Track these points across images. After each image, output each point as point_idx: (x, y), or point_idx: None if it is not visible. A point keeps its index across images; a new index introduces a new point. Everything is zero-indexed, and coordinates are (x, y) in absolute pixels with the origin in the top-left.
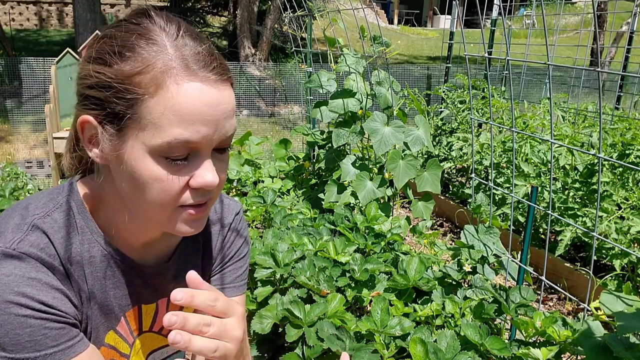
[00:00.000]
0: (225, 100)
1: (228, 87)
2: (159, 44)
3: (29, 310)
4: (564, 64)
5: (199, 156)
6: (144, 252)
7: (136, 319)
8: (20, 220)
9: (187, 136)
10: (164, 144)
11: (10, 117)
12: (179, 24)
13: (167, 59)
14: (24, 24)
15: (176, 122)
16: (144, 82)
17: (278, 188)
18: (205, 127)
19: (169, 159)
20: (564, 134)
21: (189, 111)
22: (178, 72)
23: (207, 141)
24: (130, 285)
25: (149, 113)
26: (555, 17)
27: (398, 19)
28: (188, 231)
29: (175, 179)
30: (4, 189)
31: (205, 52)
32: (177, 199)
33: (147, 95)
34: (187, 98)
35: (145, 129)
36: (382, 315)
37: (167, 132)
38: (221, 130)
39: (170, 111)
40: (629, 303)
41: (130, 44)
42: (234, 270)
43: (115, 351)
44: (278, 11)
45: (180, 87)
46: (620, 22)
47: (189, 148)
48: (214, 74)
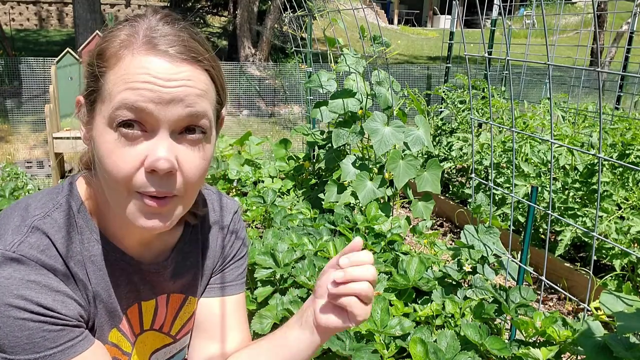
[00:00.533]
0: (184, 77)
1: (194, 68)
2: (135, 27)
3: (28, 313)
4: (564, 64)
5: (155, 134)
6: (142, 249)
7: (137, 317)
8: (20, 221)
9: (132, 100)
10: (112, 110)
11: (10, 117)
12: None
13: (132, 35)
14: (24, 24)
15: (124, 89)
16: (106, 55)
17: (278, 188)
18: (152, 94)
19: (120, 127)
20: (564, 134)
21: (136, 78)
22: (137, 46)
23: (158, 114)
24: (130, 283)
25: (108, 86)
26: (555, 17)
27: (398, 19)
28: (145, 224)
29: (124, 151)
30: (4, 189)
31: (174, 34)
32: (130, 180)
33: (107, 68)
34: (137, 67)
35: (104, 101)
36: (382, 315)
37: (116, 98)
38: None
39: (121, 80)
40: (629, 303)
41: (116, 29)
42: (235, 269)
43: (118, 349)
44: (278, 11)
45: (134, 58)
46: (620, 22)
47: (137, 115)
48: (175, 50)
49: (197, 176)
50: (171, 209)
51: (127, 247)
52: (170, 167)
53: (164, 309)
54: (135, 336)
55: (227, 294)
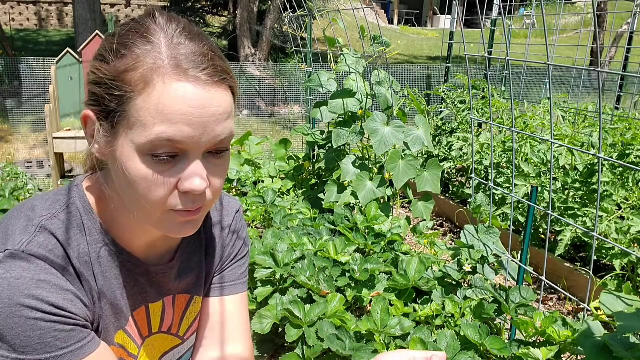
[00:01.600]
0: (216, 103)
1: (222, 90)
2: (153, 43)
3: (40, 313)
4: (564, 64)
5: (187, 159)
6: (148, 251)
7: (145, 319)
8: (27, 222)
9: (170, 135)
10: (148, 142)
11: (10, 117)
12: (179, 24)
13: (158, 57)
14: (24, 24)
15: (160, 121)
16: (133, 79)
17: (278, 188)
18: (189, 127)
19: (155, 157)
20: (564, 134)
21: (173, 110)
22: (167, 71)
23: (193, 143)
24: (137, 285)
25: (136, 111)
26: (555, 17)
27: (398, 19)
28: (178, 235)
29: (161, 179)
30: (4, 189)
31: (199, 53)
32: (165, 201)
33: (135, 92)
34: (172, 98)
35: (133, 127)
36: (382, 315)
37: (151, 130)
38: (210, 134)
39: (155, 110)
40: (629, 303)
41: (128, 42)
42: (236, 269)
43: (124, 350)
44: (278, 11)
45: (166, 86)
46: (620, 22)
47: (174, 147)
48: (206, 74)
49: (221, 188)
50: (200, 216)
51: (133, 249)
52: (205, 188)
53: (171, 310)
54: (142, 338)
55: (229, 294)
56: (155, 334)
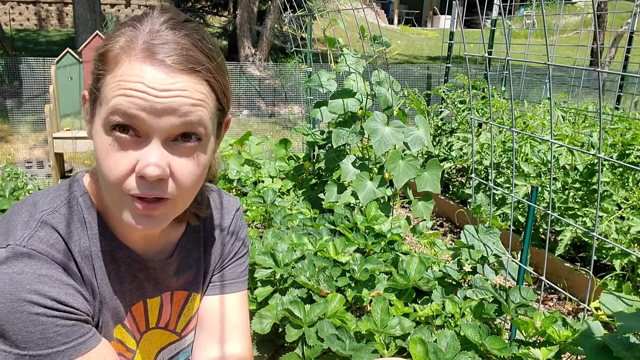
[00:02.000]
0: (179, 88)
1: (192, 79)
2: (138, 29)
3: (41, 308)
4: (564, 64)
5: (148, 141)
6: (146, 246)
7: (143, 314)
8: (29, 216)
9: (125, 107)
10: (107, 115)
11: (10, 117)
12: (170, 16)
13: (133, 40)
14: (24, 24)
15: (118, 94)
16: (107, 58)
17: (278, 188)
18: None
19: (113, 130)
20: (564, 134)
21: (130, 86)
22: (135, 53)
23: (151, 123)
24: (135, 279)
25: (104, 88)
26: (555, 17)
27: (398, 19)
28: (133, 224)
29: (119, 157)
30: (4, 189)
31: (173, 41)
32: (121, 181)
33: (107, 71)
34: (132, 75)
35: (102, 104)
36: (382, 315)
37: (111, 102)
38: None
39: (116, 85)
40: (629, 303)
41: (121, 28)
42: (236, 267)
43: (122, 345)
44: (278, 11)
45: (131, 64)
46: (620, 22)
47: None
48: (173, 61)
49: (191, 182)
50: (163, 211)
51: (132, 244)
52: (159, 174)
53: (169, 306)
54: (140, 334)
55: (228, 292)
56: (152, 329)
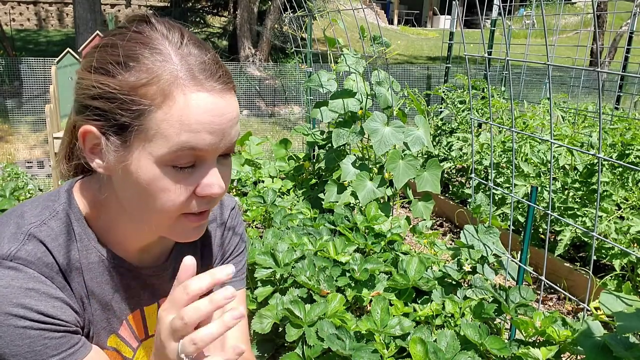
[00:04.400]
0: (231, 109)
1: (233, 95)
2: (163, 53)
3: (28, 321)
4: (564, 64)
5: (204, 164)
6: (142, 255)
7: (140, 322)
8: (16, 229)
9: (193, 144)
10: (171, 153)
11: (10, 117)
12: (181, 32)
13: (173, 69)
14: (24, 24)
15: (183, 132)
16: (150, 93)
17: (278, 188)
18: (211, 135)
19: (175, 167)
20: (563, 134)
21: (196, 121)
22: (185, 83)
23: (213, 149)
24: (129, 289)
25: (156, 124)
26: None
27: (398, 19)
28: (190, 239)
29: (181, 188)
30: (4, 189)
31: (210, 61)
32: (182, 208)
33: (153, 106)
34: (194, 109)
35: (152, 140)
36: (382, 315)
37: (174, 141)
38: (227, 138)
39: (177, 122)
40: (628, 303)
41: (134, 53)
42: (234, 266)
43: (117, 353)
44: (278, 11)
45: (187, 98)
46: (620, 22)
47: (195, 156)
48: (220, 83)
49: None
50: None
51: (126, 254)
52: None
53: None
54: (138, 342)
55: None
56: (152, 337)
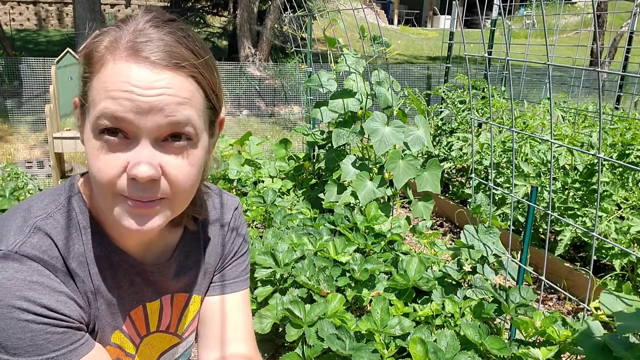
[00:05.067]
0: (163, 84)
1: (178, 75)
2: (123, 29)
3: (31, 314)
4: (564, 64)
5: (136, 141)
6: (144, 250)
7: (142, 318)
8: (22, 222)
9: (112, 110)
10: (95, 119)
11: (10, 117)
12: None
13: (118, 40)
14: (24, 24)
15: (105, 95)
16: (92, 60)
17: (278, 188)
18: (131, 103)
19: (101, 133)
20: (563, 134)
21: (115, 87)
22: (119, 52)
23: (139, 123)
24: (133, 284)
25: (91, 91)
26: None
27: (398, 19)
28: (130, 224)
29: (109, 159)
30: (4, 189)
31: (158, 38)
32: (113, 183)
33: (93, 73)
34: (116, 75)
35: (90, 107)
36: (382, 315)
37: (98, 107)
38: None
39: (102, 87)
40: (628, 303)
41: (106, 30)
42: (237, 266)
43: (121, 350)
44: (278, 11)
45: (115, 65)
46: (620, 22)
47: (118, 125)
48: (157, 57)
49: (185, 181)
50: (158, 210)
51: (129, 248)
52: (151, 175)
53: (169, 309)
54: (140, 338)
55: (231, 292)
56: (153, 333)
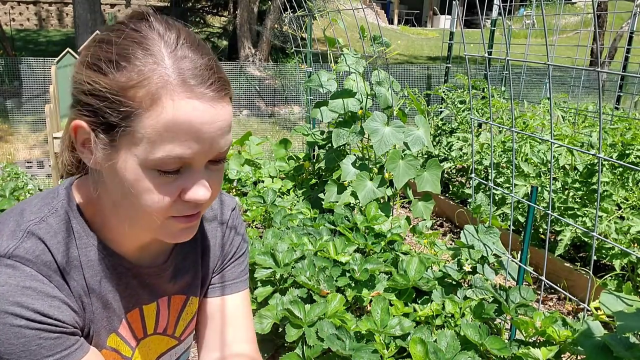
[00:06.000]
0: (222, 118)
1: (226, 103)
2: (156, 55)
3: (24, 320)
4: (564, 64)
5: (191, 170)
6: (141, 253)
7: (139, 321)
8: (15, 226)
9: (179, 152)
10: (156, 159)
11: (10, 117)
12: (179, 32)
13: (164, 73)
14: (24, 24)
15: (169, 139)
16: (138, 95)
17: (278, 188)
18: (198, 144)
19: (160, 171)
20: (563, 134)
21: (183, 129)
22: (174, 88)
23: (200, 157)
24: (128, 287)
25: (142, 127)
26: (555, 17)
27: (398, 19)
28: (179, 240)
29: (166, 191)
30: (4, 189)
31: (204, 67)
32: (168, 211)
33: (141, 109)
34: (181, 116)
35: (138, 143)
36: (382, 315)
37: (160, 148)
38: (215, 147)
39: (164, 128)
40: (629, 303)
41: (127, 53)
42: (236, 267)
43: (117, 353)
44: (278, 11)
45: (175, 104)
46: (620, 22)
47: (181, 163)
48: (212, 90)
49: (218, 192)
50: (198, 220)
51: (125, 252)
52: (208, 197)
53: (166, 312)
54: (137, 341)
55: (231, 292)
56: (150, 336)
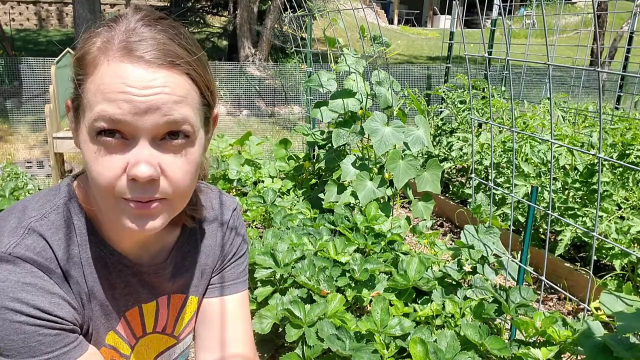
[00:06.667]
0: (160, 84)
1: (173, 73)
2: (115, 29)
3: (24, 316)
4: (564, 64)
5: (135, 141)
6: (140, 251)
7: (138, 319)
8: (17, 223)
9: (110, 112)
10: (92, 121)
11: (10, 117)
12: (146, 15)
13: (110, 41)
14: (24, 24)
15: (101, 98)
16: (85, 62)
17: (278, 188)
18: (129, 104)
19: (99, 135)
20: (564, 134)
21: (111, 89)
22: (113, 53)
23: (136, 123)
24: (128, 285)
25: (87, 93)
26: (555, 17)
27: (398, 19)
28: (131, 227)
29: (108, 161)
30: (4, 189)
31: (150, 37)
32: (113, 187)
33: (87, 75)
34: (111, 76)
35: (85, 110)
36: (382, 315)
37: (95, 109)
38: (156, 115)
39: (97, 88)
40: (629, 303)
41: (95, 31)
42: (236, 267)
43: (115, 351)
44: (278, 11)
45: (109, 66)
46: (620, 22)
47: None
48: (151, 56)
49: (184, 179)
50: (160, 210)
51: (124, 249)
52: (151, 174)
53: (166, 311)
54: (136, 339)
55: (230, 293)
56: (149, 334)
